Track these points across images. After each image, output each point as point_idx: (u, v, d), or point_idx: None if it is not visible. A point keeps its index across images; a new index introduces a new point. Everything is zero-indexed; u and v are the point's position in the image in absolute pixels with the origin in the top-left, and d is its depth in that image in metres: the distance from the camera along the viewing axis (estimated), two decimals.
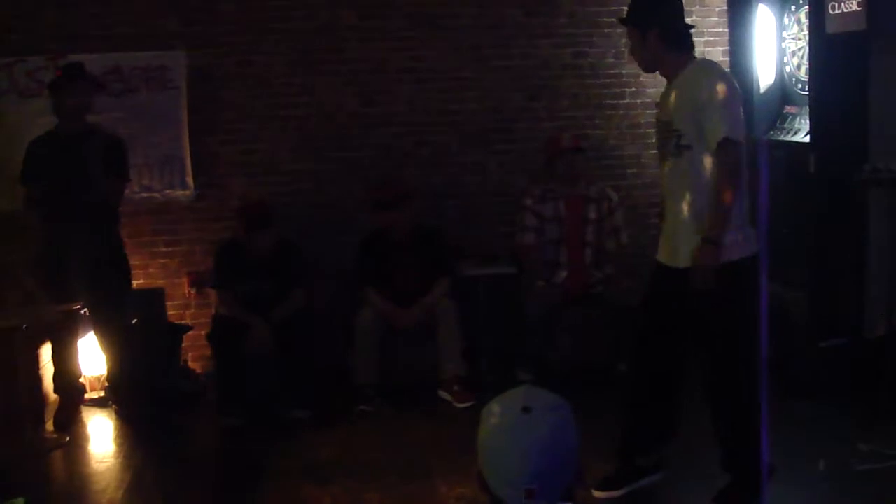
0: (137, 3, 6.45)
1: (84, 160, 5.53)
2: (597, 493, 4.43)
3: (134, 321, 6.06)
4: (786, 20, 6.35)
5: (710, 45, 6.98)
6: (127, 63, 6.36)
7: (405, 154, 6.74)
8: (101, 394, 6.16)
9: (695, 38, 6.82)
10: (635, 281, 6.46)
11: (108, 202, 5.76)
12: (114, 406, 5.99)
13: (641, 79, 6.94)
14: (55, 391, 5.86)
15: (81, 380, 6.08)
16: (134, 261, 6.37)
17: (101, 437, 5.76)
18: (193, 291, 6.64)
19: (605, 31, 6.89)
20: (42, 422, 5.70)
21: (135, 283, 6.38)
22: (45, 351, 5.89)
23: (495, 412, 2.12)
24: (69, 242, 5.55)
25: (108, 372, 5.94)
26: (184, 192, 6.56)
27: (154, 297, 6.41)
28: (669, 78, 4.29)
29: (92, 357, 6.10)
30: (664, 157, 4.29)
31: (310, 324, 5.93)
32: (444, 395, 5.96)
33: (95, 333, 5.87)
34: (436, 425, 5.59)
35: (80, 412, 5.95)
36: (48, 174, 5.56)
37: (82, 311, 5.80)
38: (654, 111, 4.39)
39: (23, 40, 6.33)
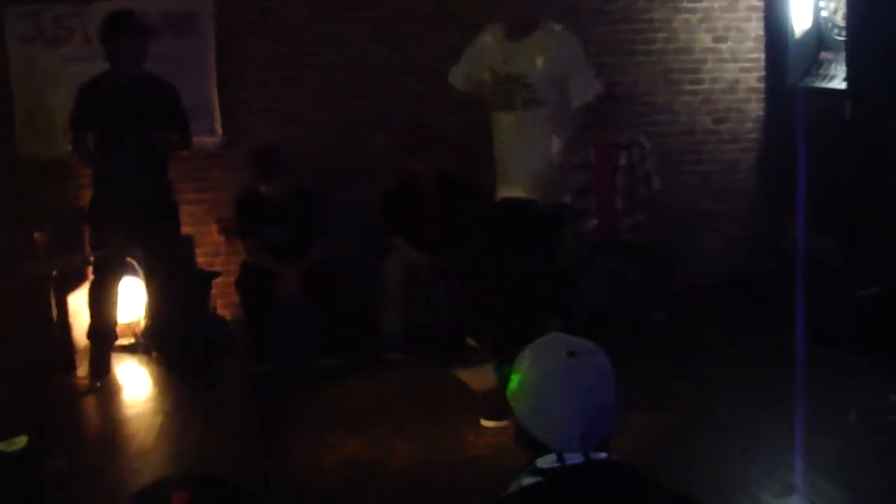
0: None
1: (144, 110, 5.50)
2: None
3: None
4: None
5: None
6: (154, 8, 6.31)
7: (432, 102, 6.67)
8: (132, 340, 6.19)
9: None
10: (666, 228, 6.43)
11: (168, 151, 5.77)
12: (154, 353, 6.02)
13: (674, 24, 6.85)
14: (88, 337, 5.88)
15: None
16: None
17: (132, 382, 5.81)
18: (223, 238, 6.64)
19: None
20: (73, 367, 5.74)
21: None
22: (75, 298, 5.91)
23: (536, 358, 2.10)
24: (124, 188, 5.51)
25: (154, 318, 5.95)
26: (211, 139, 6.54)
27: (183, 245, 6.41)
28: (523, 33, 4.57)
29: (122, 303, 6.11)
30: (506, 108, 4.58)
31: (336, 272, 5.92)
32: (472, 342, 5.95)
33: (148, 279, 5.87)
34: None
35: (111, 358, 5.97)
36: (102, 121, 5.53)
37: (130, 258, 5.81)
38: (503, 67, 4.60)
39: None
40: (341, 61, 6.64)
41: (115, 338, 6.02)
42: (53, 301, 5.45)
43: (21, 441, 4.32)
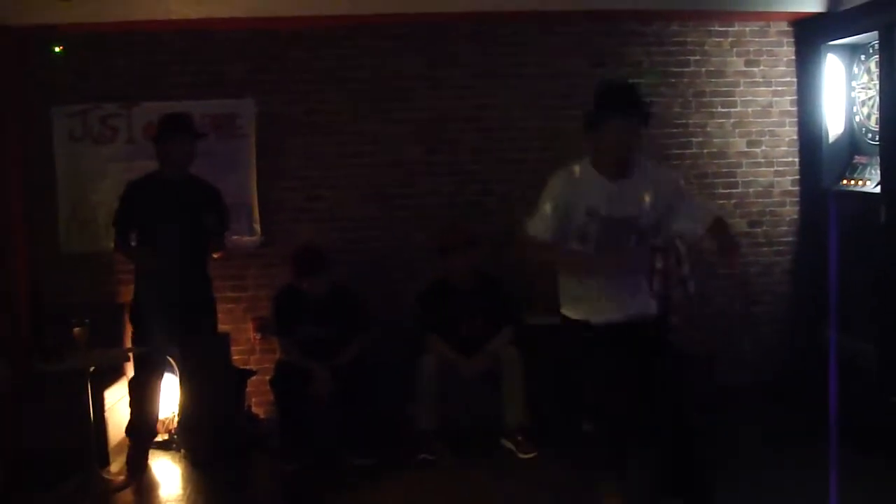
0: (207, 50, 6.59)
1: (188, 208, 5.63)
2: None
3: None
4: (855, 69, 6.30)
5: (777, 94, 6.94)
6: (198, 111, 6.46)
7: (470, 202, 6.76)
8: (165, 437, 6.20)
9: (763, 88, 6.93)
10: (702, 331, 6.40)
11: (212, 251, 5.88)
12: (183, 450, 6.02)
13: (708, 129, 6.92)
14: (126, 433, 5.88)
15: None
16: None
17: (164, 479, 5.79)
18: (258, 337, 6.68)
19: (672, 80, 6.89)
20: (107, 463, 5.74)
21: None
22: (112, 393, 5.95)
23: None
24: (166, 285, 5.58)
25: (184, 415, 5.98)
26: (251, 238, 6.64)
27: (219, 342, 6.45)
28: (624, 173, 4.35)
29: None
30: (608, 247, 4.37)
31: (372, 370, 5.93)
32: (507, 444, 5.91)
33: (182, 374, 5.91)
34: (498, 475, 5.52)
35: (148, 456, 5.96)
36: (147, 218, 5.63)
37: (168, 354, 5.86)
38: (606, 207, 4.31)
39: (97, 87, 6.50)
40: (380, 162, 6.75)
41: (155, 435, 6.04)
42: (91, 396, 5.47)
43: None
